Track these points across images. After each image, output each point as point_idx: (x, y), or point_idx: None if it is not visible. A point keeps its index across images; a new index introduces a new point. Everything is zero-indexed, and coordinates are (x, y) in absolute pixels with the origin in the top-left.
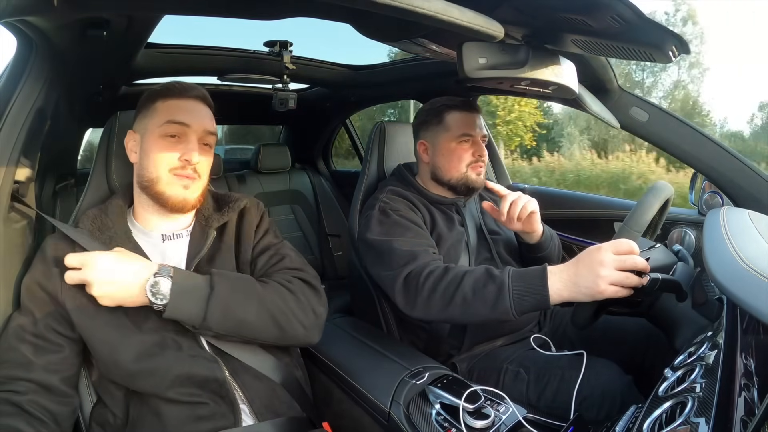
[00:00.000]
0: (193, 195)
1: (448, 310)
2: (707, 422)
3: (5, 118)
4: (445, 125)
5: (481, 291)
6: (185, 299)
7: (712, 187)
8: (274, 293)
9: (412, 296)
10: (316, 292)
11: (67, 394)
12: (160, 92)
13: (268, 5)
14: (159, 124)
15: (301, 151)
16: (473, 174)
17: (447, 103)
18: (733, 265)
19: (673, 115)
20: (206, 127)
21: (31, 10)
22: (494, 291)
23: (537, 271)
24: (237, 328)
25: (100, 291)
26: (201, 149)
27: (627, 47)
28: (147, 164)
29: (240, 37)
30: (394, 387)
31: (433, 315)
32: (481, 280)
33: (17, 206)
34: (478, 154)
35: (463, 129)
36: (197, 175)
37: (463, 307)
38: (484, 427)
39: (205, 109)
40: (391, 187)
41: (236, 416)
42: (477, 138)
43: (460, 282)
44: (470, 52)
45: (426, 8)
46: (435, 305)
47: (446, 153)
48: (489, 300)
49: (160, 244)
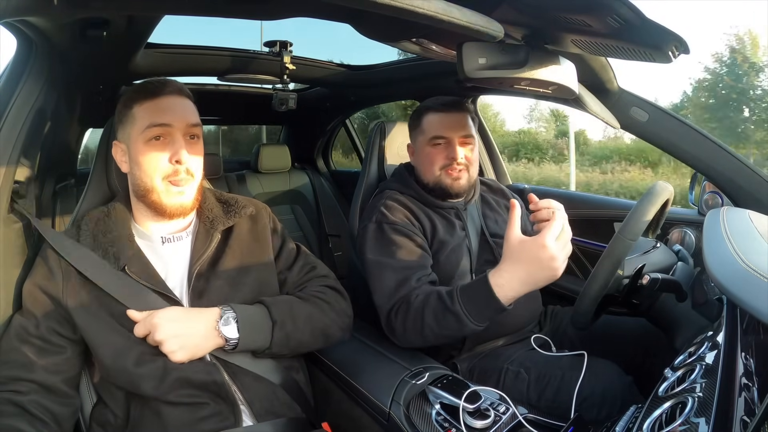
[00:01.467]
0: (189, 198)
1: (426, 339)
2: (707, 422)
3: (5, 118)
4: (422, 128)
5: (442, 321)
6: (253, 334)
7: (712, 187)
8: (317, 309)
9: (391, 332)
10: (343, 295)
11: (68, 394)
12: (134, 97)
13: (268, 5)
14: (141, 130)
15: (301, 151)
16: (448, 178)
17: (427, 105)
18: (733, 265)
19: (673, 115)
20: (189, 121)
21: (31, 10)
22: (453, 319)
23: (481, 283)
24: (295, 347)
25: (173, 347)
26: (188, 144)
27: (627, 47)
28: (139, 174)
29: (240, 37)
30: (394, 387)
31: (413, 344)
32: (439, 311)
33: (17, 206)
34: (451, 157)
35: (435, 131)
36: (190, 175)
37: (435, 336)
38: (484, 427)
39: (184, 101)
40: (391, 192)
41: (237, 416)
42: (452, 140)
43: (423, 317)
44: (470, 52)
45: (426, 8)
46: (412, 338)
47: (422, 156)
48: (453, 327)
49: (159, 247)
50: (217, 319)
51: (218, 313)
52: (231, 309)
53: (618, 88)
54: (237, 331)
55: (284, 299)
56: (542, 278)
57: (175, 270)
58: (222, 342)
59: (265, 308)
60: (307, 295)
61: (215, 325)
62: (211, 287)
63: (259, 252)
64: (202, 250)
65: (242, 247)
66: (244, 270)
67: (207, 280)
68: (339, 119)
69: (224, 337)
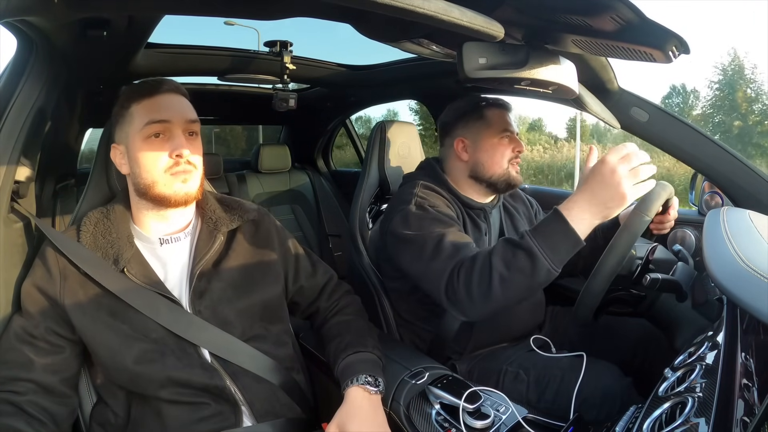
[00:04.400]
0: (193, 187)
1: (491, 297)
2: (707, 422)
3: (5, 118)
4: (487, 121)
5: (512, 262)
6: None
7: (712, 187)
8: (366, 329)
9: (454, 299)
10: (352, 293)
11: (66, 394)
12: (131, 97)
13: (268, 5)
14: (140, 127)
15: (301, 151)
16: (513, 171)
17: (483, 100)
18: (733, 265)
19: (674, 115)
20: (187, 117)
21: (31, 10)
22: (525, 257)
23: (552, 217)
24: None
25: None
26: (188, 140)
27: (627, 47)
28: (139, 171)
29: (240, 37)
30: (394, 387)
31: (480, 310)
32: (509, 251)
33: (17, 206)
34: (517, 150)
35: (505, 125)
36: (192, 166)
37: (502, 287)
38: (484, 427)
39: (181, 98)
40: (424, 182)
41: (237, 416)
42: (515, 135)
43: (490, 263)
44: (470, 52)
45: (426, 8)
46: (477, 300)
47: (489, 149)
48: (525, 268)
49: (158, 248)
50: (374, 394)
51: (369, 390)
52: (364, 377)
53: (618, 88)
54: (377, 382)
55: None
56: (607, 198)
57: (173, 271)
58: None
59: (370, 353)
60: (349, 317)
61: (379, 401)
62: (213, 288)
63: (262, 256)
64: (204, 250)
65: (245, 251)
66: (247, 273)
67: (208, 281)
68: (339, 119)
69: (378, 392)
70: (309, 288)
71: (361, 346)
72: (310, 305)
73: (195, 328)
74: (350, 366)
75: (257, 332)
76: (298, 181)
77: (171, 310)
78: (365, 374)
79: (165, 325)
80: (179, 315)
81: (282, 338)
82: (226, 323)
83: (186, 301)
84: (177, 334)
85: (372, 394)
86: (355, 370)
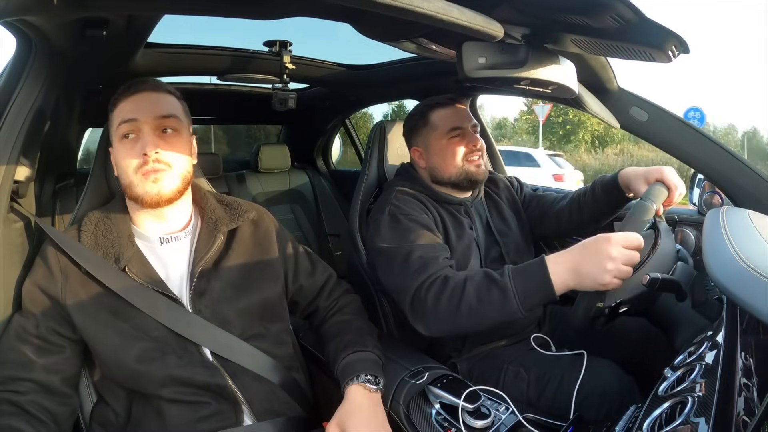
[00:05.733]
0: (167, 187)
1: (456, 321)
2: (707, 422)
3: (5, 118)
4: (432, 124)
5: (485, 296)
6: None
7: (712, 187)
8: (366, 328)
9: (419, 312)
10: (352, 292)
11: (67, 394)
12: (115, 98)
13: (268, 5)
14: (114, 129)
15: (301, 151)
16: (471, 166)
17: (429, 104)
18: (733, 264)
19: (673, 115)
20: (157, 113)
21: (30, 9)
22: (498, 294)
23: (536, 265)
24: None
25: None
26: (159, 137)
27: (627, 47)
28: (119, 173)
29: (240, 37)
30: (394, 387)
31: (442, 328)
32: (483, 285)
33: (17, 206)
34: (471, 145)
35: (450, 123)
36: (164, 164)
37: (469, 316)
38: (484, 427)
39: (156, 95)
40: (400, 188)
41: (238, 415)
42: (467, 129)
43: (463, 291)
44: (470, 51)
45: (426, 8)
46: (441, 318)
47: (438, 152)
48: (495, 304)
49: (158, 247)
50: (374, 392)
51: (369, 389)
52: (364, 375)
53: (618, 87)
54: (376, 380)
55: (367, 353)
56: (590, 271)
57: (174, 270)
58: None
59: (369, 352)
60: (353, 317)
61: (379, 399)
62: (213, 287)
63: (262, 256)
64: (205, 250)
65: (245, 251)
66: (247, 273)
67: (208, 280)
68: (339, 119)
69: (378, 390)
70: (308, 287)
71: (361, 346)
72: (309, 304)
73: (195, 327)
74: (350, 365)
75: (257, 331)
76: (297, 181)
77: (171, 309)
78: (365, 373)
79: (165, 323)
80: (179, 313)
81: (282, 337)
82: (226, 322)
83: (186, 300)
84: (177, 332)
85: (372, 392)
86: (355, 369)
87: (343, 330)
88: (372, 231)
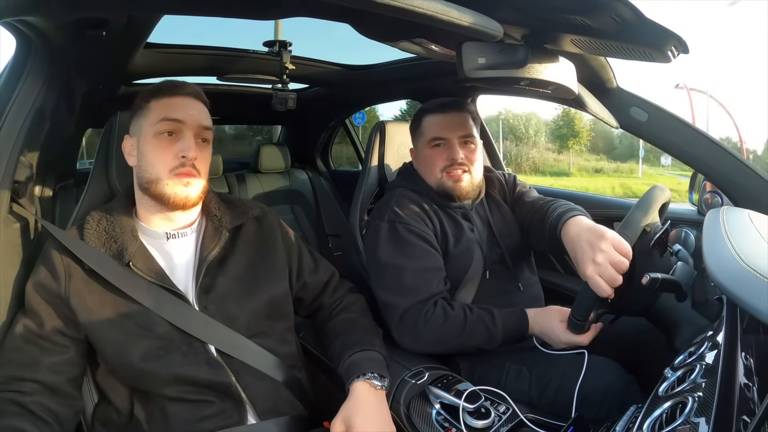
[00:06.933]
0: (194, 192)
1: (438, 344)
2: (707, 422)
3: (5, 118)
4: (421, 131)
5: (471, 330)
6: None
7: (712, 186)
8: (372, 328)
9: (404, 331)
10: (355, 291)
11: (71, 395)
12: (153, 92)
13: (268, 5)
14: (153, 122)
15: (301, 151)
16: (449, 181)
17: (425, 107)
18: (733, 264)
19: (673, 115)
20: (201, 123)
21: (30, 9)
22: (484, 331)
23: (517, 311)
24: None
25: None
26: (198, 145)
27: (626, 47)
28: (145, 165)
29: (240, 37)
30: (395, 387)
31: (425, 349)
32: (476, 320)
33: (17, 207)
34: (451, 158)
35: (434, 132)
36: (197, 171)
37: (451, 341)
38: (484, 427)
39: (199, 104)
40: (401, 190)
41: (242, 414)
42: (451, 140)
43: (451, 321)
44: (469, 51)
45: (425, 8)
46: (426, 339)
47: (422, 159)
48: (479, 337)
49: (165, 243)
50: (379, 389)
51: (374, 386)
52: (371, 373)
53: (617, 87)
54: (382, 379)
55: (371, 353)
56: (548, 337)
57: (179, 265)
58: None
59: (377, 352)
60: (356, 317)
61: (384, 397)
62: (218, 284)
63: (267, 253)
64: (210, 247)
65: (250, 248)
66: (252, 270)
67: (214, 277)
68: (338, 119)
69: (383, 387)
70: (312, 284)
71: (368, 345)
72: (313, 301)
73: (200, 324)
74: (357, 363)
75: (262, 329)
76: (297, 181)
77: (176, 305)
78: (371, 371)
79: (170, 319)
80: (183, 309)
81: (286, 336)
82: (231, 319)
83: (192, 297)
84: (182, 329)
85: (377, 389)
86: (362, 367)
87: (349, 328)
88: (370, 236)
